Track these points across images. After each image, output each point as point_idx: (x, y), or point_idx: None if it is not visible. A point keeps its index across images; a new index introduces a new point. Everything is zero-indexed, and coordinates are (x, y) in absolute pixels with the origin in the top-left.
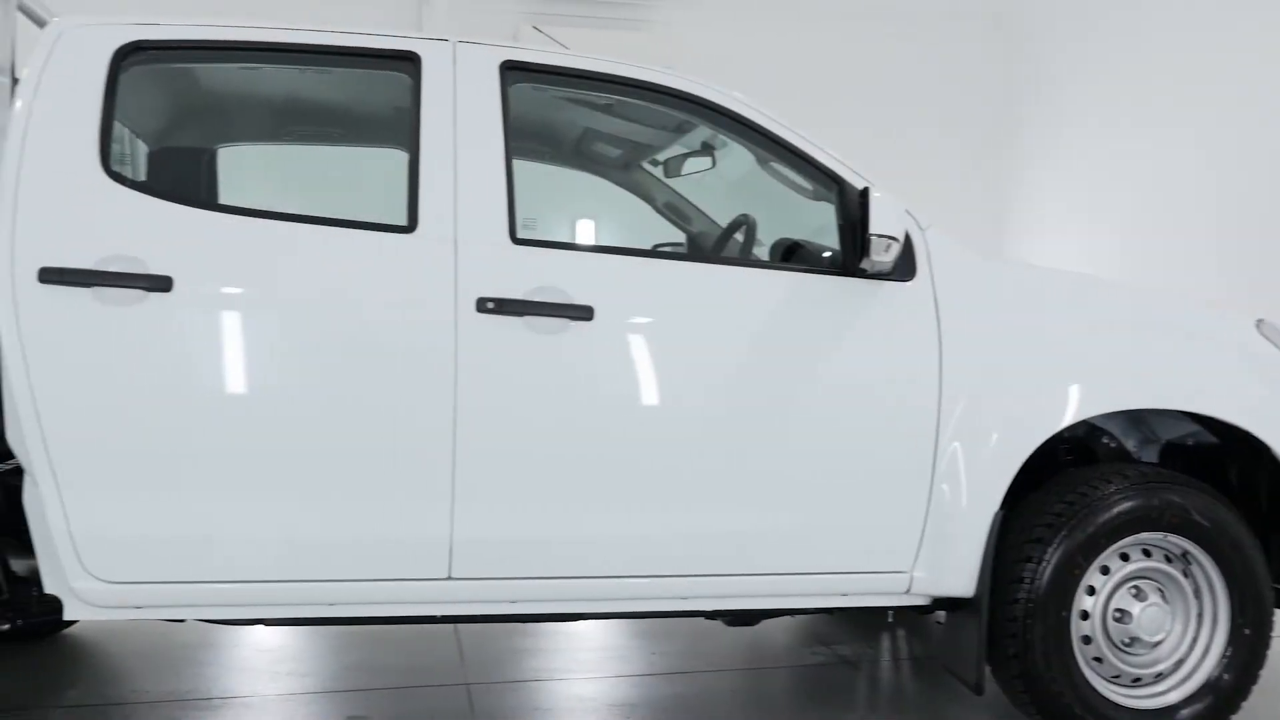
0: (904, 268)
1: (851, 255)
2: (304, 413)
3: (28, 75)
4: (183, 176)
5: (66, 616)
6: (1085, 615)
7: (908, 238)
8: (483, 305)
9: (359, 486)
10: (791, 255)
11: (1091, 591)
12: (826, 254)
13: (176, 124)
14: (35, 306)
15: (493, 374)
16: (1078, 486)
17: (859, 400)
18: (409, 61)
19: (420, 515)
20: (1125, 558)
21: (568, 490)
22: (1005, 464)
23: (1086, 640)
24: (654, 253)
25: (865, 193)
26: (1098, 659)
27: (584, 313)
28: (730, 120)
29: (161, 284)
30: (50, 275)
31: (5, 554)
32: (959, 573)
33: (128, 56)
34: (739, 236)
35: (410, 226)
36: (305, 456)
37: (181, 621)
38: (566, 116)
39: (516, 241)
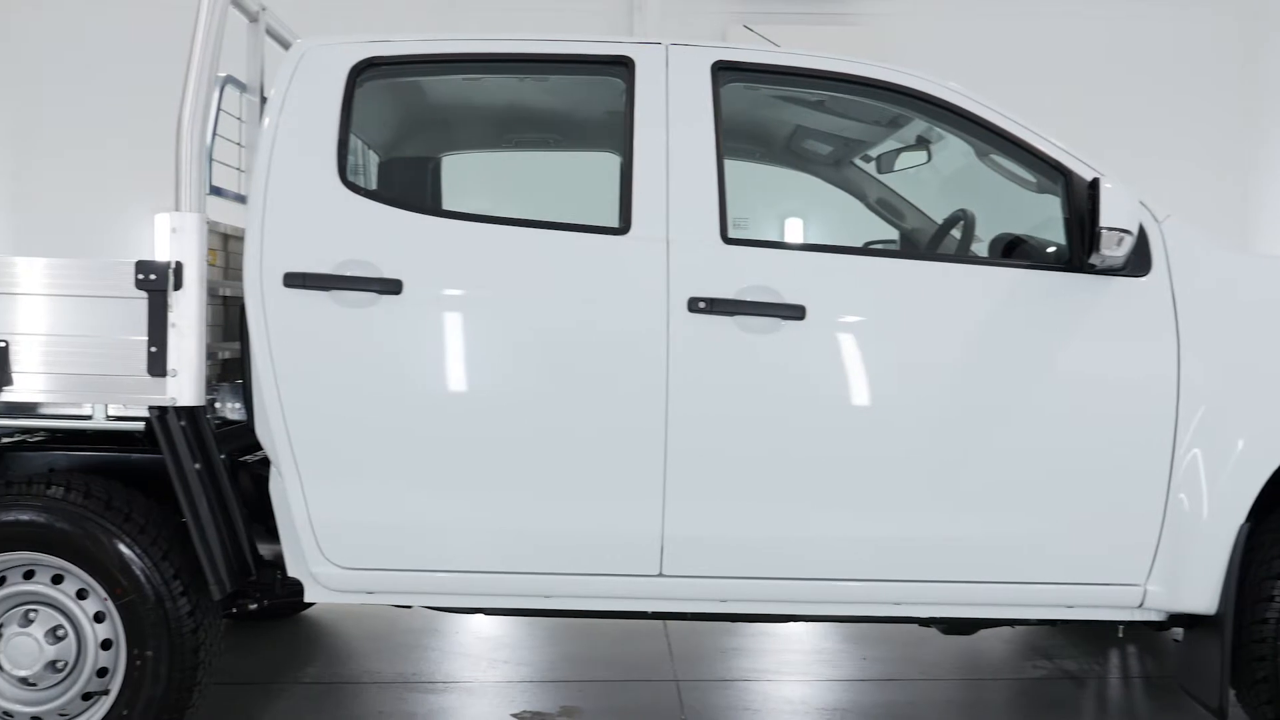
0: (1137, 262)
1: (1079, 250)
2: (522, 410)
3: (274, 94)
4: (410, 184)
5: (307, 599)
6: None
7: (1142, 230)
8: (694, 305)
9: (574, 482)
10: (1013, 251)
11: None
12: (1051, 249)
13: (404, 134)
14: (280, 309)
15: (704, 373)
16: None
17: (1088, 403)
18: (623, 66)
19: (632, 512)
20: None
21: (779, 491)
22: (1252, 473)
23: None
24: (867, 250)
25: (1095, 183)
26: None
27: (796, 312)
28: (947, 112)
29: (392, 287)
30: (293, 280)
31: (253, 539)
32: (1199, 588)
33: (362, 73)
34: (956, 232)
35: (623, 228)
36: (524, 452)
37: (409, 607)
38: (777, 114)
39: (728, 241)
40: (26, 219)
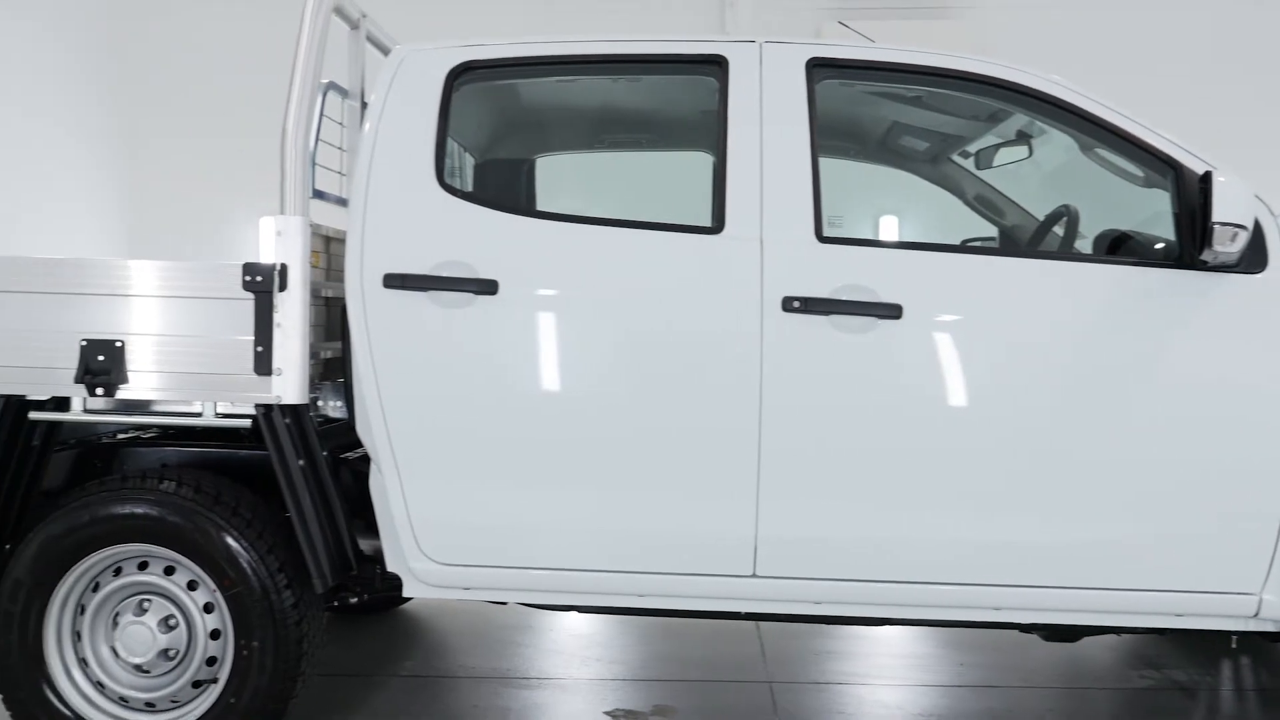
0: (1253, 258)
1: (1190, 246)
2: (616, 409)
3: (374, 99)
4: (506, 185)
5: (405, 594)
6: None
7: (1257, 225)
8: (788, 304)
9: (667, 482)
10: (1119, 247)
11: None
12: (1159, 245)
13: (500, 136)
14: (380, 310)
15: (798, 373)
16: None
17: (1199, 405)
18: (716, 65)
19: (725, 512)
20: None
21: (875, 492)
22: None
23: None
24: (965, 248)
25: (1207, 177)
26: None
27: (892, 311)
28: (1050, 106)
29: (488, 287)
30: (393, 280)
31: (354, 535)
32: None
33: (459, 76)
34: (1059, 229)
35: (717, 227)
36: (618, 452)
37: (504, 604)
38: (873, 111)
39: (822, 240)
40: (139, 223)
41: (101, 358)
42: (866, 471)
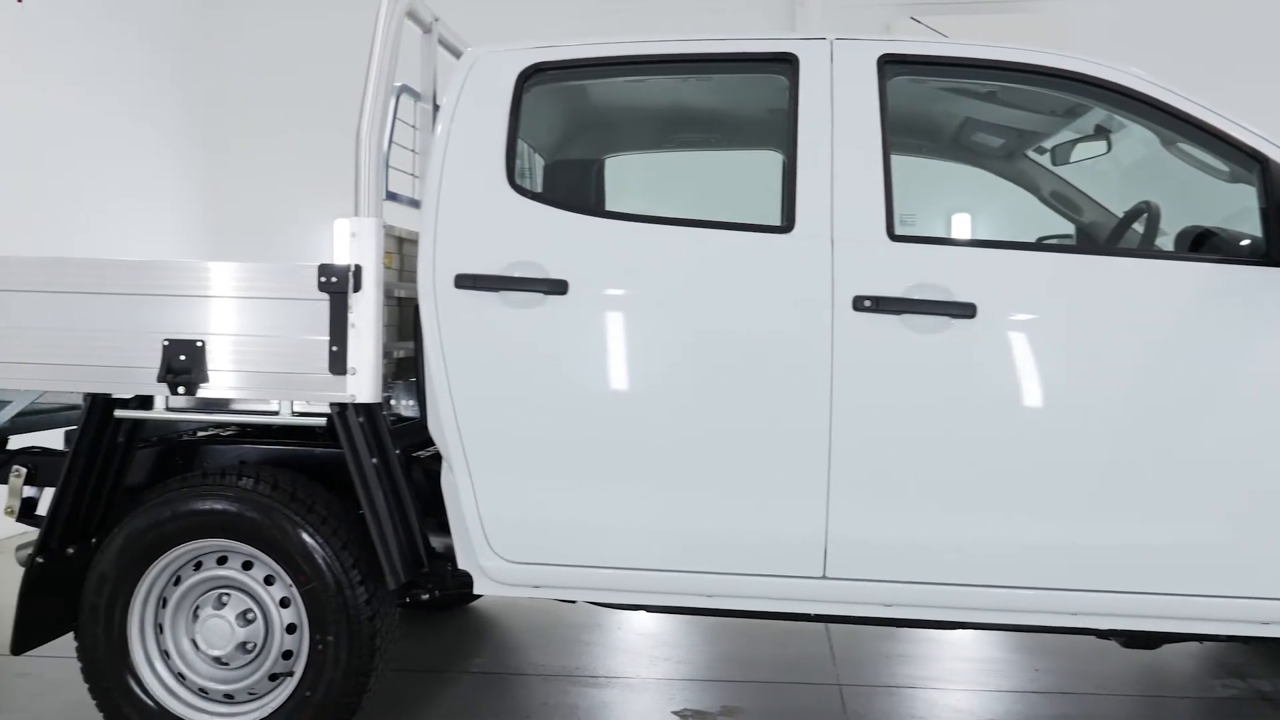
0: None
1: (1278, 242)
2: (685, 410)
3: (446, 101)
4: (575, 186)
5: (476, 591)
6: None
7: None
8: (859, 304)
9: (736, 483)
10: (1202, 244)
11: None
12: (1245, 242)
13: (569, 137)
14: (451, 310)
15: (869, 373)
16: None
17: None
18: (786, 63)
19: (795, 513)
20: None
21: (948, 493)
22: None
23: None
24: (1041, 245)
25: None
26: None
27: (966, 310)
28: (1130, 100)
29: (558, 287)
30: (464, 281)
31: (426, 532)
32: None
33: (530, 78)
34: (1139, 226)
35: (786, 226)
36: (687, 452)
37: (572, 602)
38: (946, 107)
39: (894, 238)
40: (219, 223)
41: (183, 357)
42: (939, 472)
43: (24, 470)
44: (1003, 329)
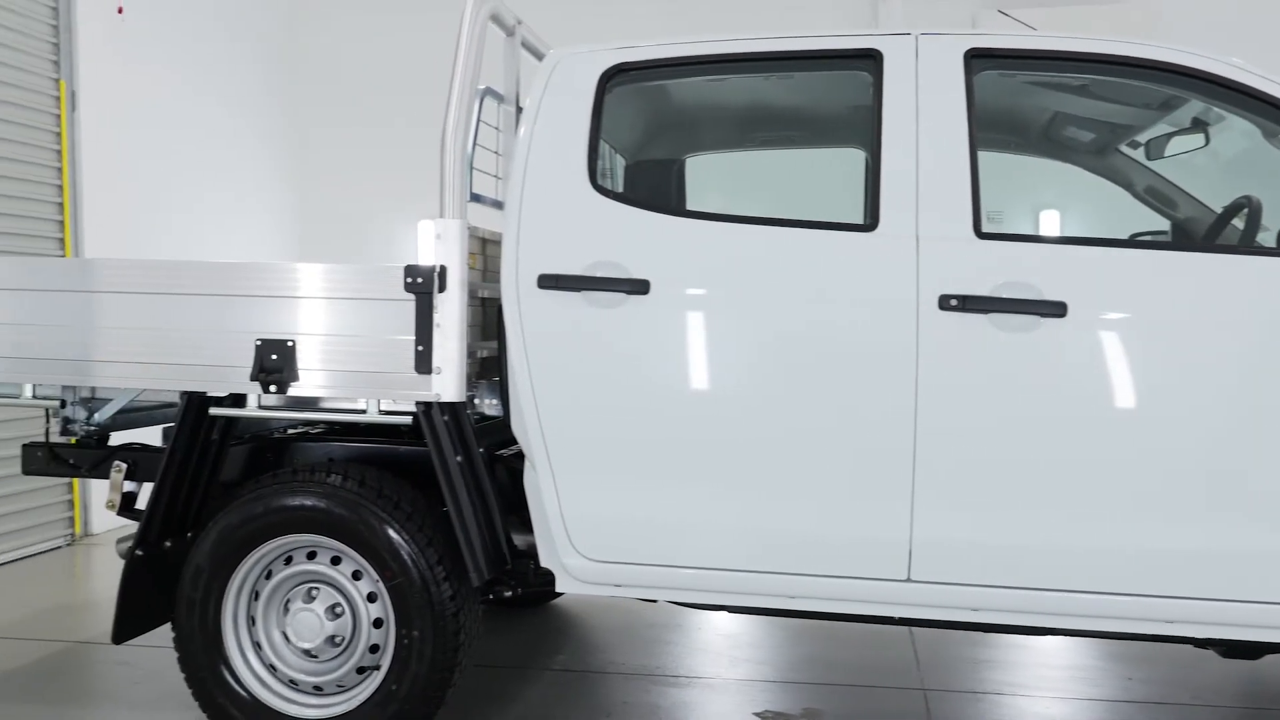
0: None
1: None
2: (768, 409)
3: (529, 103)
4: (657, 185)
5: (558, 589)
6: None
7: None
8: (945, 303)
9: (819, 483)
10: None
11: None
12: None
13: (650, 137)
14: (534, 309)
15: (955, 373)
16: None
17: None
18: (870, 59)
19: (879, 514)
20: None
21: (1037, 496)
22: None
23: None
24: (1135, 242)
25: None
26: None
27: (1056, 309)
28: (1230, 91)
29: (640, 287)
30: (547, 281)
31: (509, 530)
32: None
33: (612, 79)
34: (1238, 221)
35: (870, 224)
36: (769, 452)
37: (654, 602)
38: (1035, 102)
39: (981, 236)
40: (308, 223)
41: (274, 356)
42: (1027, 475)
43: (124, 466)
44: (1095, 328)
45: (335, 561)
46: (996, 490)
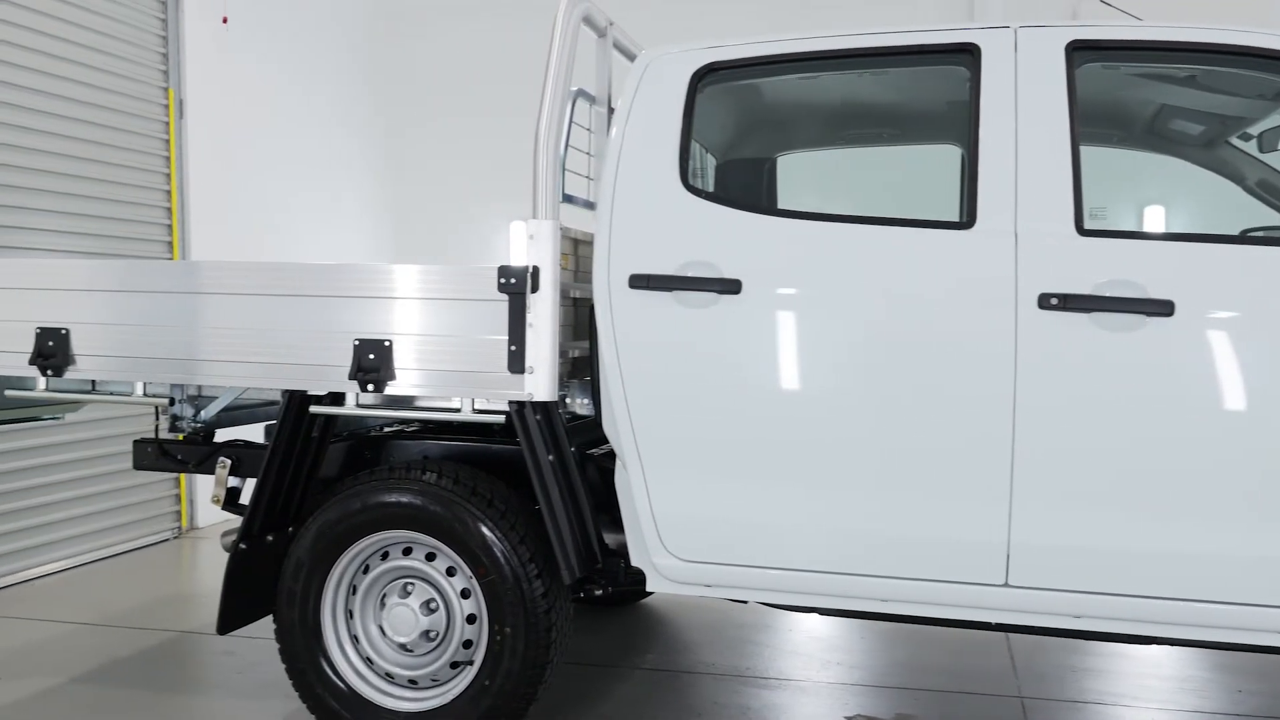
0: None
1: None
2: (862, 409)
3: (621, 104)
4: (747, 185)
5: (649, 588)
6: None
7: None
8: (1045, 301)
9: (914, 485)
10: None
11: None
12: None
13: (742, 136)
14: (626, 309)
15: (1056, 373)
16: None
17: None
18: (967, 54)
19: (976, 517)
20: None
21: (1142, 500)
22: None
23: None
24: (1246, 238)
25: None
26: None
27: (1163, 308)
28: None
29: (732, 287)
30: (638, 281)
31: (600, 529)
32: None
33: (703, 78)
34: None
35: (967, 222)
36: (862, 453)
37: (744, 602)
38: (1140, 94)
39: (1083, 233)
40: (400, 224)
41: (372, 356)
42: (1132, 478)
43: (229, 462)
44: (1203, 327)
45: (430, 558)
46: (1098, 493)
